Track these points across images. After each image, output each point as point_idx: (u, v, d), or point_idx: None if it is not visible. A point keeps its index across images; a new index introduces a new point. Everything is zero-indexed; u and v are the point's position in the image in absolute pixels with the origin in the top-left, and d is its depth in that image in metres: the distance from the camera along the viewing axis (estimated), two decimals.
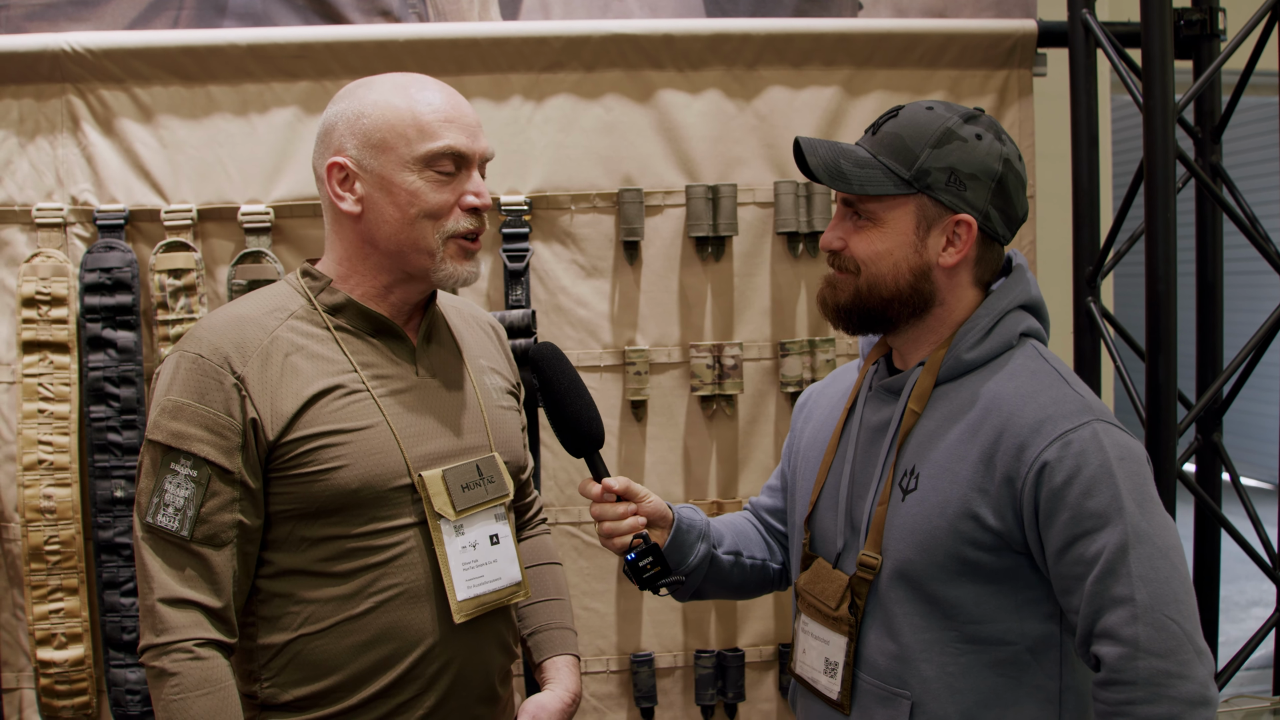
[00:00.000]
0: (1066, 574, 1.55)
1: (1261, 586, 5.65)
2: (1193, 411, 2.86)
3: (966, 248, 1.67)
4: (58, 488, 2.65)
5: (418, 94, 1.74)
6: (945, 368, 1.69)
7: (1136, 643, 1.48)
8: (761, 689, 2.95)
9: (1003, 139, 1.69)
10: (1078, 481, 1.53)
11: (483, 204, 1.75)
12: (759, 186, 2.89)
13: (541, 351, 1.83)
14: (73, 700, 2.68)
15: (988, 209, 1.67)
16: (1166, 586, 1.50)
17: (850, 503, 1.75)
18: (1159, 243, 2.63)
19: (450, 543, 1.75)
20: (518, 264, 2.80)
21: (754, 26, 2.88)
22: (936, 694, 1.62)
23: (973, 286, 1.72)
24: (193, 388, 1.66)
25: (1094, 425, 1.56)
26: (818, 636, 1.76)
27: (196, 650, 1.63)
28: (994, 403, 1.62)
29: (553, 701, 1.86)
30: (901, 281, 1.67)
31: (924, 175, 1.65)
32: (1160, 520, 1.54)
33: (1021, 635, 1.62)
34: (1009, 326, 1.69)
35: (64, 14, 2.76)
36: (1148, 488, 1.55)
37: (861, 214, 1.68)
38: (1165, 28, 2.63)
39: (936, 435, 1.66)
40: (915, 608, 1.64)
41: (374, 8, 2.84)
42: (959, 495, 1.60)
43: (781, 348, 2.88)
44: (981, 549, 1.60)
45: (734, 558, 1.95)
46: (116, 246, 2.68)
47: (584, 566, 2.87)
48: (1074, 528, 1.53)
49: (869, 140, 1.71)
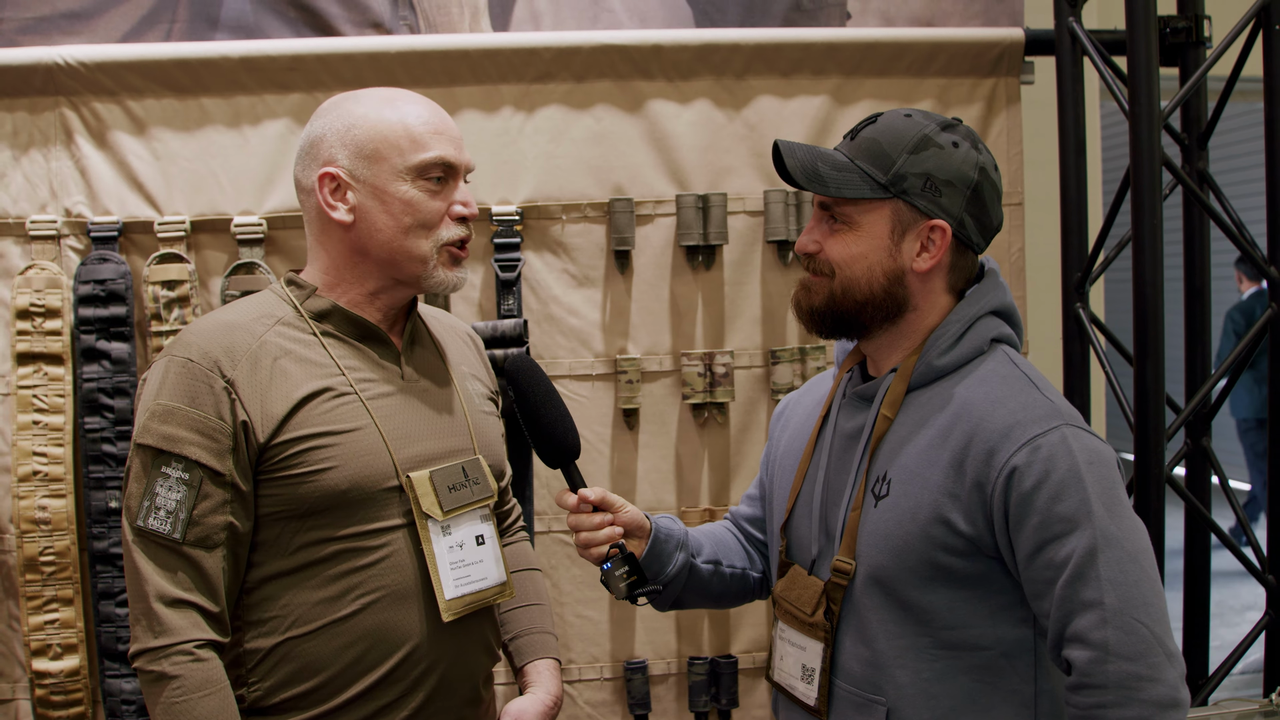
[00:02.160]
0: (1037, 578, 1.56)
1: (1256, 590, 5.64)
2: (1181, 416, 2.88)
3: (940, 253, 1.68)
4: (52, 499, 2.66)
5: (405, 107, 1.79)
6: (917, 374, 1.69)
7: (1106, 646, 1.49)
8: (755, 695, 2.95)
9: (979, 148, 1.70)
10: (1046, 486, 1.54)
11: (470, 213, 1.80)
12: (749, 195, 2.91)
13: (517, 364, 1.85)
14: (68, 711, 2.69)
15: (963, 216, 1.68)
16: (1136, 590, 1.51)
17: (825, 509, 1.75)
18: (1146, 249, 2.65)
19: (438, 543, 1.77)
20: (509, 274, 2.81)
21: (743, 36, 2.90)
22: (912, 700, 1.63)
23: (946, 293, 1.72)
24: (183, 391, 1.68)
25: (1063, 430, 1.57)
26: (794, 643, 1.76)
27: (197, 652, 1.64)
28: (964, 408, 1.63)
29: (534, 705, 1.88)
30: (875, 285, 1.68)
31: (900, 180, 1.66)
32: (1129, 524, 1.54)
33: (996, 640, 1.63)
34: (980, 332, 1.70)
35: (57, 27, 2.77)
36: (1117, 491, 1.56)
37: (837, 217, 1.69)
38: (1150, 35, 2.66)
39: (908, 441, 1.66)
40: (889, 614, 1.64)
41: (365, 20, 2.86)
42: (930, 500, 1.61)
43: (772, 355, 2.90)
44: (953, 554, 1.60)
45: (713, 567, 1.95)
46: (110, 258, 2.69)
47: (577, 575, 2.88)
48: (1043, 532, 1.54)
49: (847, 145, 1.72)
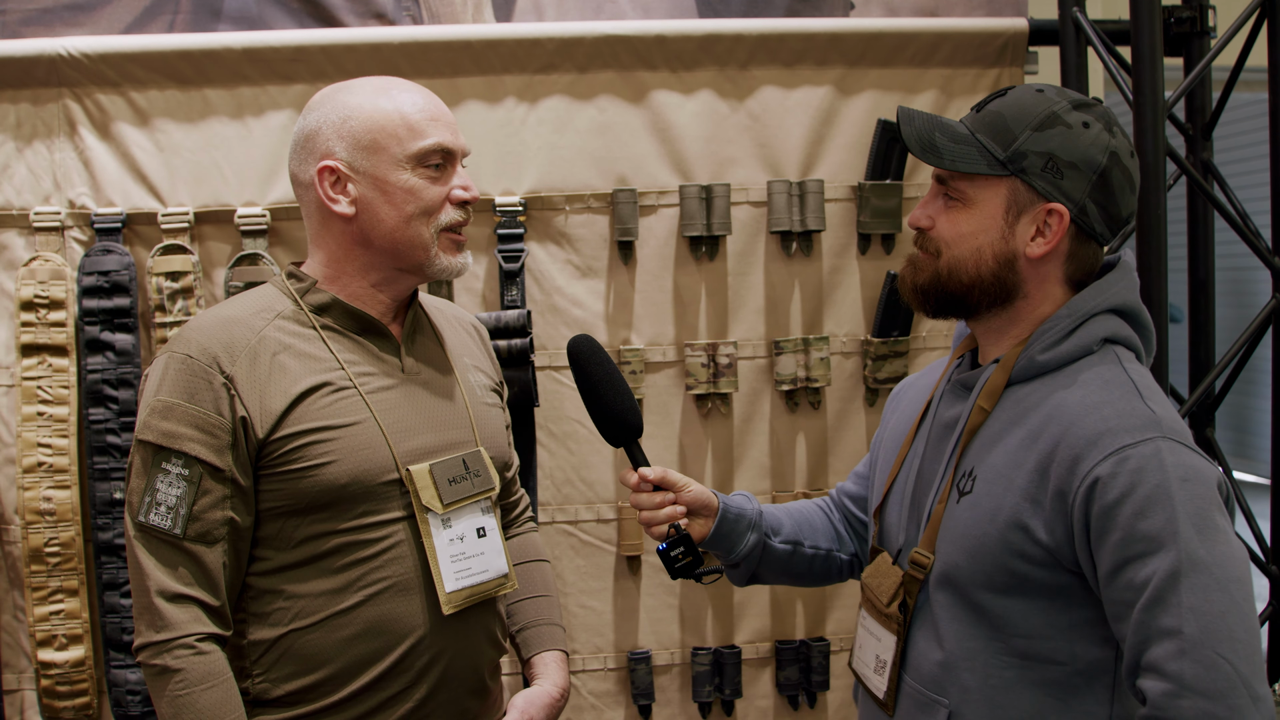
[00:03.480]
0: (1117, 599, 1.45)
1: (1259, 581, 5.66)
2: (1185, 406, 2.88)
3: (1056, 239, 1.58)
4: (57, 490, 2.67)
5: (400, 95, 1.79)
6: (1018, 367, 1.60)
7: (1182, 679, 1.36)
8: (758, 686, 2.96)
9: (1113, 131, 1.59)
10: (1131, 500, 1.42)
11: (470, 196, 1.81)
12: (752, 186, 2.91)
13: (578, 344, 1.86)
14: (74, 701, 2.70)
15: (1085, 201, 1.57)
16: (1221, 621, 1.37)
17: (915, 498, 1.69)
18: (1150, 239, 2.64)
19: (438, 536, 1.78)
20: (513, 264, 2.81)
21: (746, 27, 2.89)
22: (976, 705, 1.56)
23: (1062, 283, 1.62)
24: (182, 387, 1.68)
25: (1158, 443, 1.45)
26: (872, 632, 1.71)
27: (198, 645, 1.65)
28: (1058, 410, 1.53)
29: (541, 696, 1.89)
30: (984, 268, 1.59)
31: (1020, 158, 1.56)
32: (1223, 550, 1.40)
33: (1073, 657, 1.53)
34: (1092, 330, 1.59)
35: (60, 19, 2.77)
36: (1211, 513, 1.42)
37: (951, 193, 1.61)
38: (1155, 25, 2.65)
39: (999, 438, 1.58)
40: (961, 614, 1.58)
41: (368, 10, 2.86)
42: (1011, 504, 1.53)
43: (776, 346, 2.90)
44: (1031, 563, 1.52)
45: (792, 547, 1.91)
46: (114, 250, 2.69)
47: (581, 565, 2.89)
48: (1125, 550, 1.42)
49: (971, 118, 1.63)
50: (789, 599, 2.95)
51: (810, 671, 2.94)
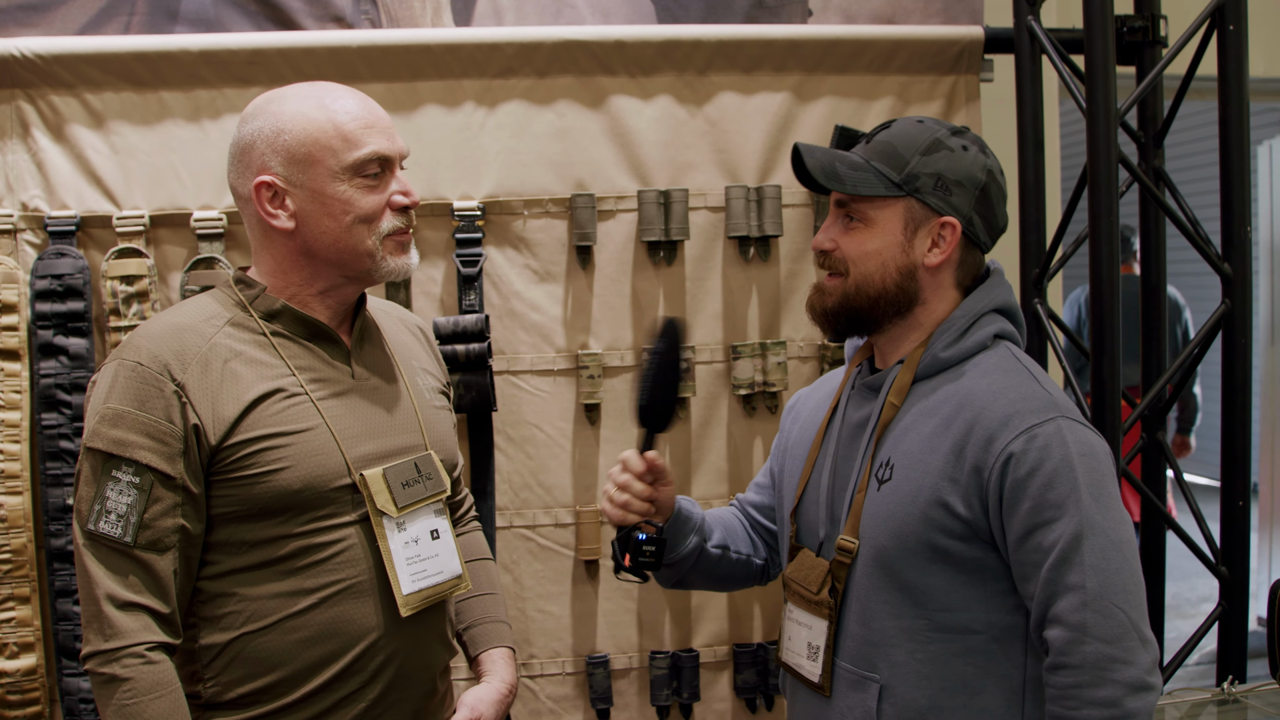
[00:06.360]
0: (1025, 561, 1.64)
1: (1212, 583, 5.72)
2: (1136, 410, 2.92)
3: (950, 249, 1.77)
4: (9, 495, 2.63)
5: (333, 103, 1.77)
6: (923, 364, 1.78)
7: (1084, 628, 1.57)
8: (716, 689, 2.97)
9: (986, 153, 1.81)
10: (1040, 473, 1.62)
11: (410, 201, 1.81)
12: (710, 191, 2.92)
13: (676, 324, 1.90)
14: (25, 710, 2.67)
15: (971, 214, 1.78)
16: (1116, 577, 1.59)
17: (832, 495, 1.84)
18: (1102, 245, 2.68)
19: (393, 539, 1.79)
20: (471, 269, 2.81)
21: (705, 33, 2.90)
22: (905, 679, 1.71)
23: (954, 288, 1.82)
24: (132, 395, 1.68)
25: (1059, 421, 1.66)
26: (801, 622, 1.84)
27: (148, 654, 1.65)
28: (968, 398, 1.72)
29: (490, 693, 1.92)
30: (889, 280, 1.77)
31: (913, 179, 1.76)
32: (1115, 515, 1.63)
33: (988, 625, 1.70)
34: (984, 327, 1.79)
35: (13, 19, 2.74)
36: (1106, 483, 1.64)
37: (853, 215, 1.78)
38: (1108, 34, 2.69)
39: (911, 429, 1.75)
40: (889, 594, 1.72)
41: (327, 14, 2.84)
42: (930, 484, 1.69)
43: (733, 350, 2.91)
44: (951, 536, 1.69)
45: (721, 551, 2.03)
46: (68, 253, 2.67)
47: (538, 569, 2.88)
48: (1034, 517, 1.62)
49: (863, 149, 1.82)
50: (746, 602, 2.96)
51: (768, 674, 2.95)
